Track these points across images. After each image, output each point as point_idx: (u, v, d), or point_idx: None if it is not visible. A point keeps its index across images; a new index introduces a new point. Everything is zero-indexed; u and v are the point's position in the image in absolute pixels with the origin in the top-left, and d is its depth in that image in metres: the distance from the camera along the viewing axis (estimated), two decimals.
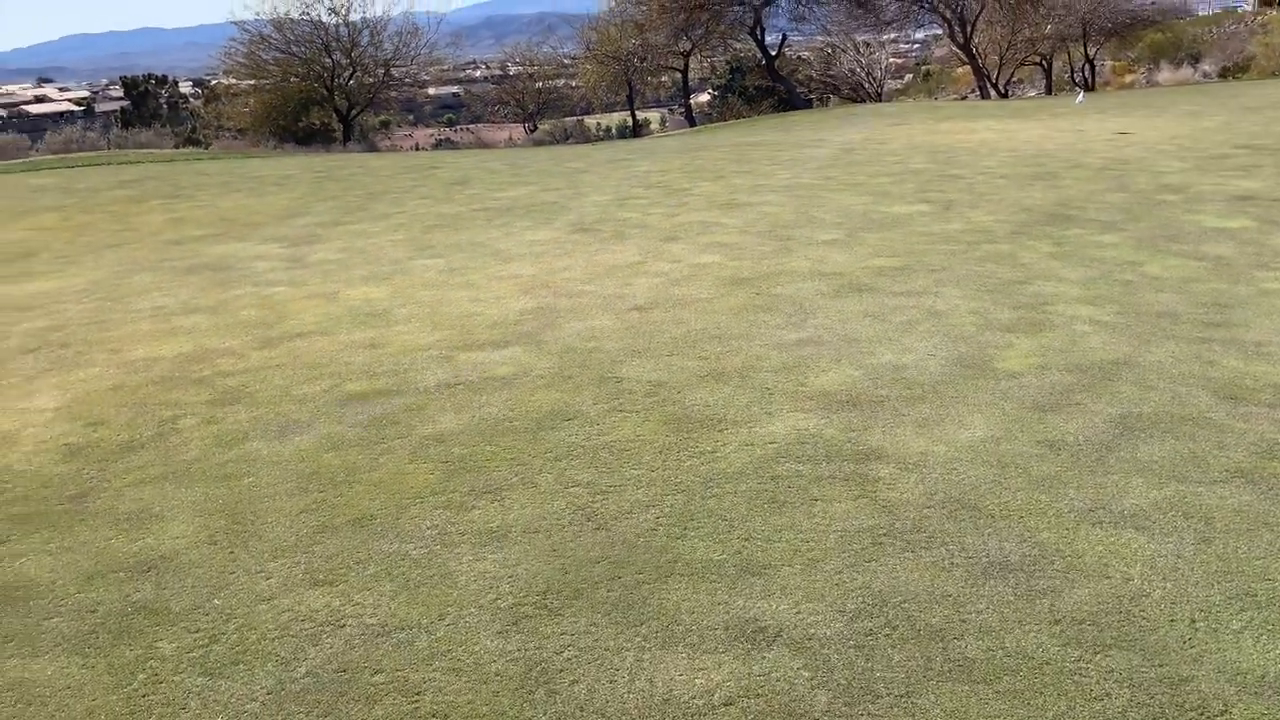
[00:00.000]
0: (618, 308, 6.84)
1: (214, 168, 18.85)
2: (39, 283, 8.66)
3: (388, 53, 38.33)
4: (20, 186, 16.66)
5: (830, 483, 3.97)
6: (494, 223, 10.79)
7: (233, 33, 37.44)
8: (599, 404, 4.97)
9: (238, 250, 9.79)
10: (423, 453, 4.45)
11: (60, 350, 6.41)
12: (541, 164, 17.84)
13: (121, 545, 3.68)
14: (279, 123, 35.56)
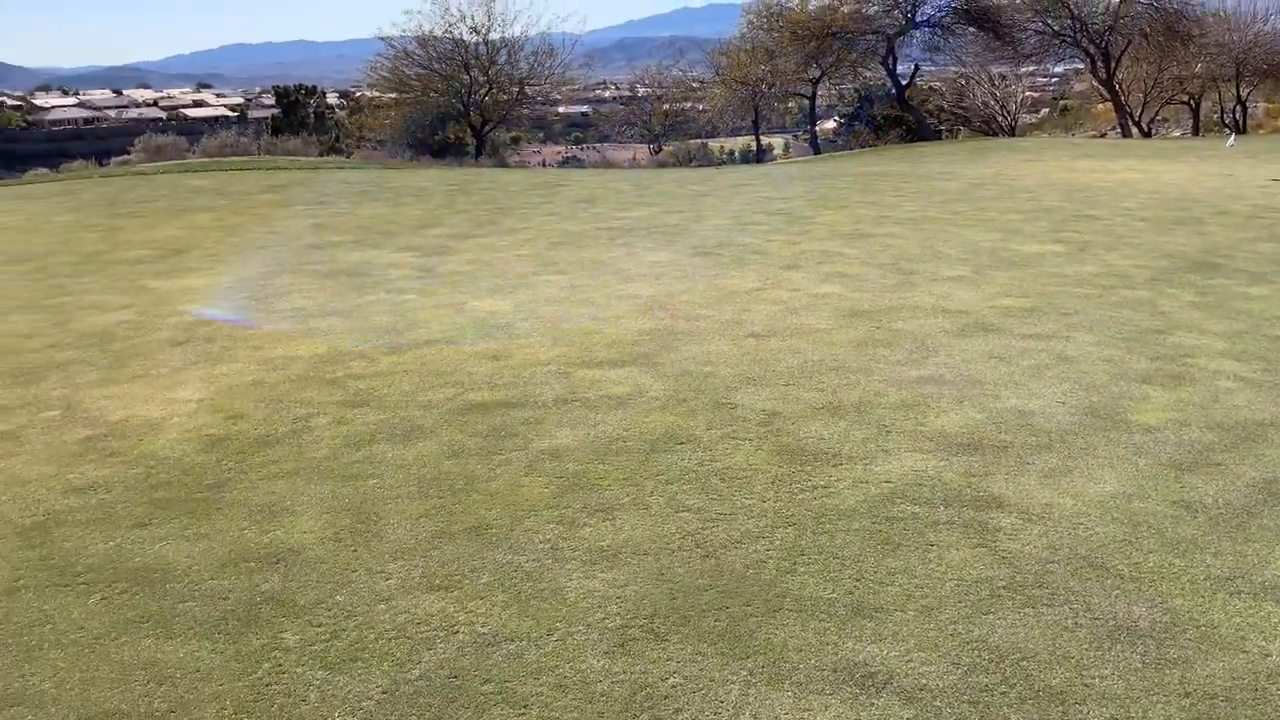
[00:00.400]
0: (735, 334, 6.83)
1: (355, 177, 19.69)
2: (191, 279, 9.20)
3: (523, 71, 39.40)
4: (179, 186, 17.75)
5: (948, 528, 3.87)
6: (616, 242, 10.93)
7: (379, 48, 39.12)
8: (712, 430, 4.98)
9: (373, 257, 10.19)
10: (539, 466, 4.54)
11: (206, 345, 6.79)
12: (665, 186, 18.00)
13: (253, 536, 3.87)
14: (416, 135, 36.94)
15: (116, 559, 3.69)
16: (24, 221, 13.59)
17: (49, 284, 9.06)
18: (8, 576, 3.56)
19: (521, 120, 46.17)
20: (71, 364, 6.36)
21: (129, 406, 5.48)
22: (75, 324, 7.45)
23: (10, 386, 5.90)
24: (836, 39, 37.10)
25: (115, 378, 6.04)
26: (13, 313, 7.88)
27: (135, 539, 3.85)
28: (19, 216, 14.14)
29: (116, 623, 3.27)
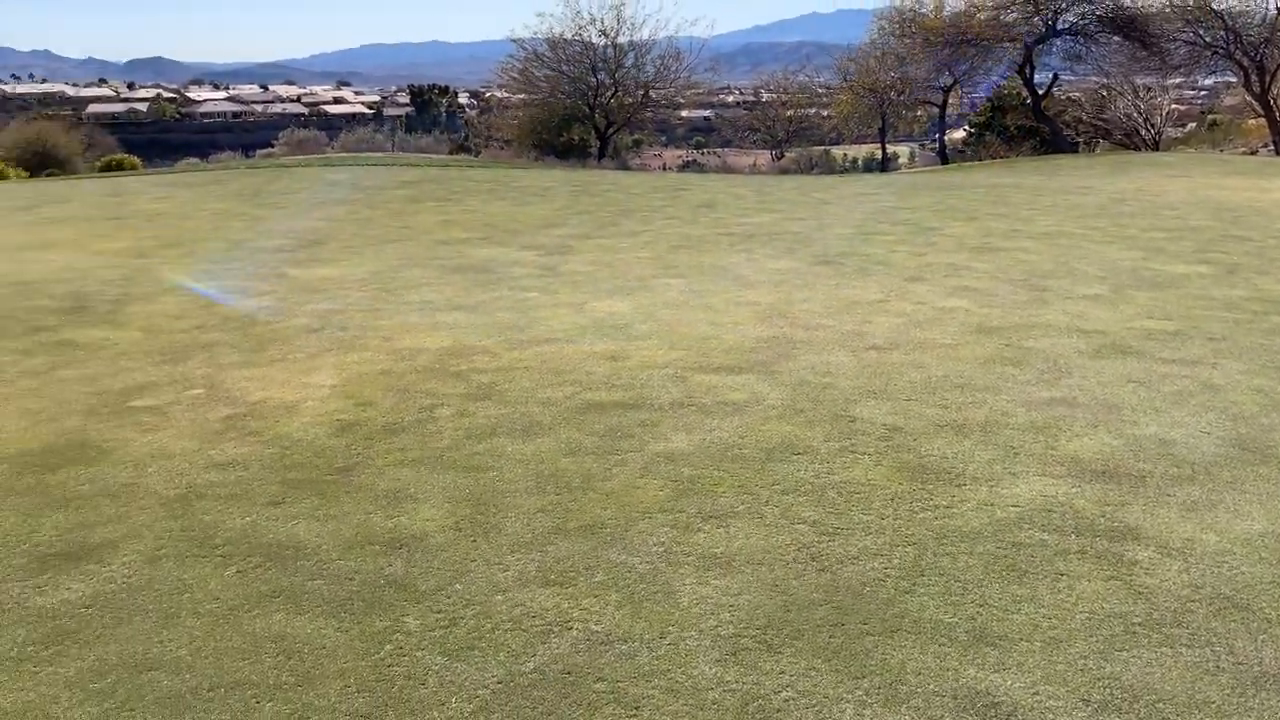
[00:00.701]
0: (855, 345, 6.71)
1: (483, 175, 20.18)
2: (327, 269, 9.59)
3: (649, 75, 39.68)
4: (318, 179, 18.54)
5: (1079, 558, 3.71)
6: (737, 248, 10.88)
7: (511, 49, 40.02)
8: (830, 442, 4.90)
9: (498, 255, 10.42)
10: (654, 469, 4.55)
11: (340, 333, 7.06)
12: (787, 193, 17.83)
13: (379, 520, 4.00)
14: (542, 136, 37.63)
15: (251, 534, 3.86)
16: (178, 208, 14.42)
17: (198, 269, 9.58)
18: (151, 545, 3.77)
19: (645, 123, 46.49)
20: (216, 345, 6.71)
21: (267, 388, 5.74)
22: (220, 307, 7.86)
23: (160, 364, 6.26)
24: (971, 46, 36.06)
25: (255, 360, 6.34)
26: (166, 294, 8.36)
27: (269, 516, 4.02)
28: (174, 203, 15.02)
29: (249, 595, 3.42)
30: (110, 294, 8.35)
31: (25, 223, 13.07)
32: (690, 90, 44.47)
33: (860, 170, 40.39)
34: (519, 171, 22.84)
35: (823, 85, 54.12)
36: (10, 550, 3.71)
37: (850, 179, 24.62)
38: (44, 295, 8.29)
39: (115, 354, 6.49)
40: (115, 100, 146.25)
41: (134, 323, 7.35)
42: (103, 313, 7.66)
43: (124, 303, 8.02)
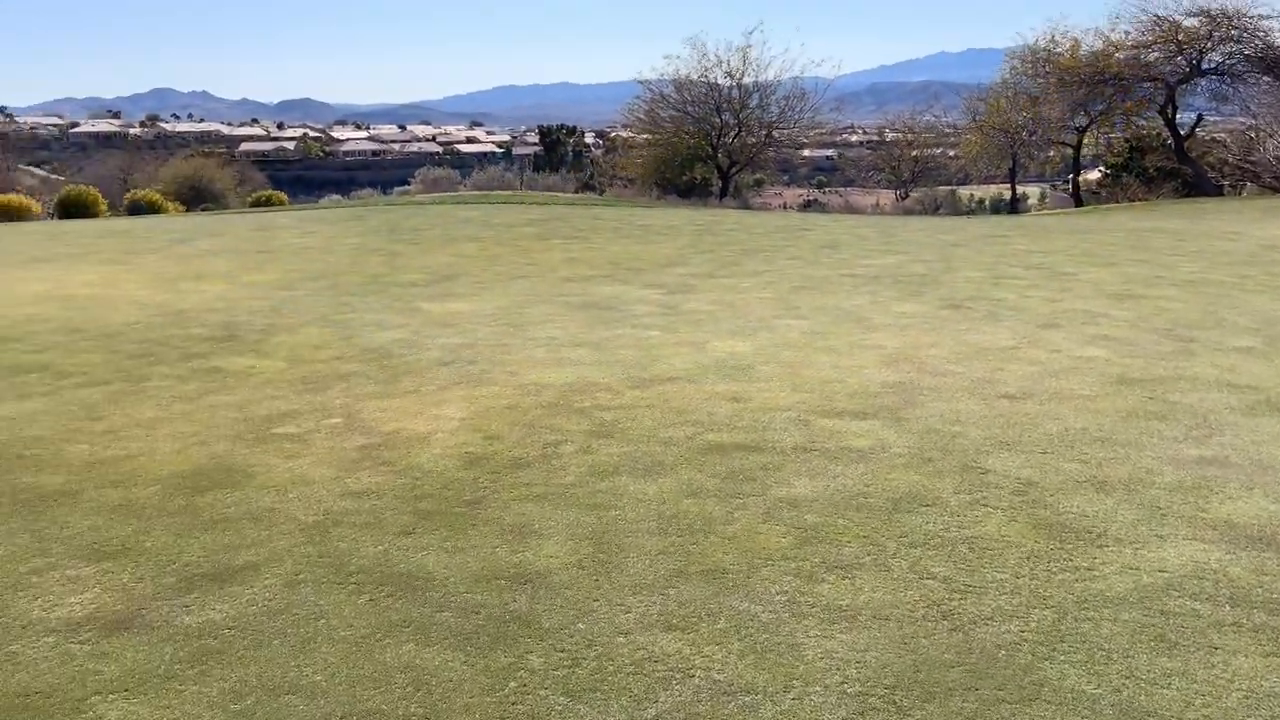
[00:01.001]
0: (986, 393, 6.50)
1: (608, 214, 20.53)
2: (457, 303, 9.90)
3: (773, 115, 39.78)
4: (451, 217, 19.20)
5: (1234, 630, 3.47)
6: (860, 290, 10.72)
7: (637, 91, 40.79)
8: (960, 494, 4.74)
9: (621, 293, 10.55)
10: (776, 514, 4.49)
11: (469, 366, 7.26)
12: (913, 234, 17.50)
13: (504, 555, 4.07)
14: (665, 175, 38.12)
15: (384, 563, 3.98)
16: (321, 243, 15.16)
17: (338, 301, 10.03)
18: (291, 569, 3.93)
19: (767, 163, 46.54)
20: (354, 376, 6.99)
21: (400, 420, 5.94)
22: (359, 339, 8.20)
23: (302, 393, 6.56)
24: (1109, 86, 34.86)
25: (390, 391, 6.58)
26: (309, 325, 8.78)
27: (400, 546, 4.14)
28: (317, 238, 15.80)
29: (381, 625, 3.52)
30: (258, 324, 8.82)
31: (183, 255, 13.96)
32: (814, 130, 44.32)
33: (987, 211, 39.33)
34: (643, 210, 23.13)
35: (950, 125, 53.15)
36: (162, 569, 3.92)
37: (978, 220, 24.01)
38: (198, 324, 8.82)
39: (261, 382, 6.83)
40: (266, 139, 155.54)
41: (279, 352, 7.73)
42: (250, 342, 8.09)
43: (270, 333, 8.45)
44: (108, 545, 4.13)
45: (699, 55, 38.72)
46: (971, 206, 39.78)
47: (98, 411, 6.11)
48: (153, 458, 5.26)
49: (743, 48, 38.75)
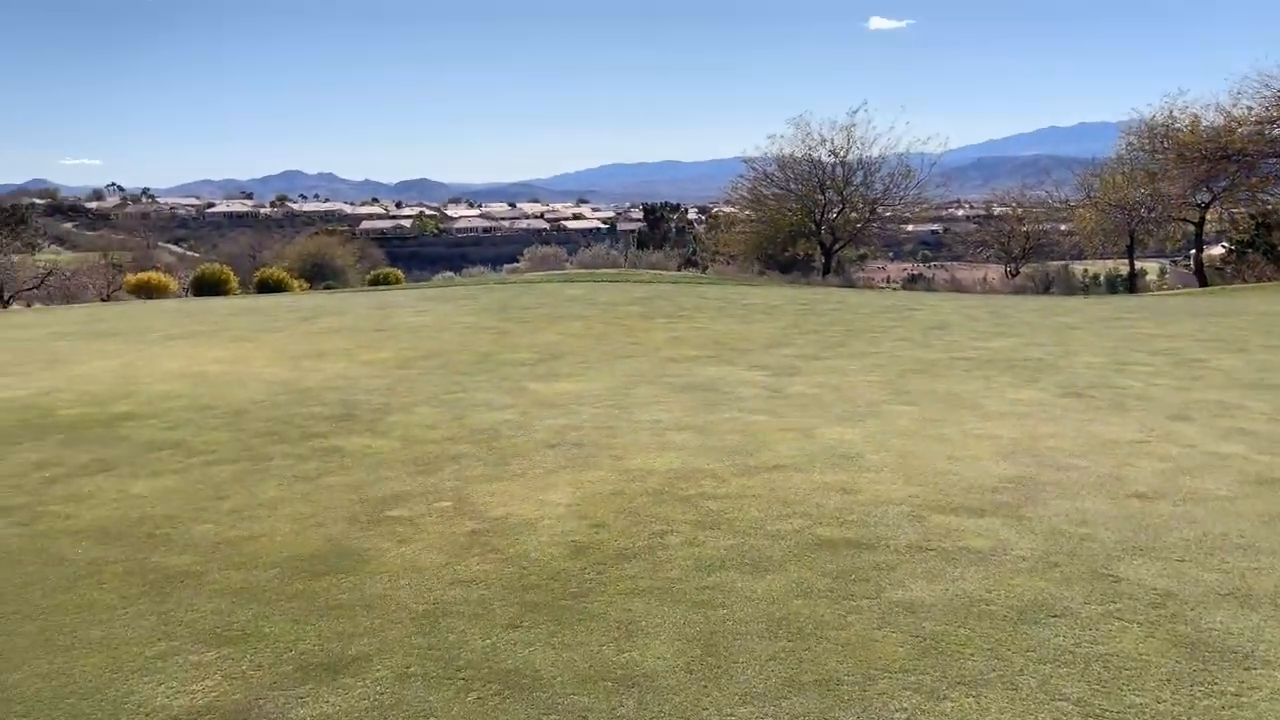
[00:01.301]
0: (1114, 491, 6.18)
1: (711, 292, 20.64)
2: (564, 384, 10.02)
3: (877, 192, 39.64)
4: (558, 295, 19.60)
5: None
6: (973, 374, 10.44)
7: (740, 169, 41.28)
8: (1091, 604, 4.48)
9: (725, 374, 10.52)
10: (892, 620, 4.32)
11: (575, 449, 7.30)
12: (1026, 315, 17.04)
13: (610, 654, 4.01)
14: (767, 251, 38.23)
15: (491, 658, 3.97)
16: (434, 321, 15.64)
17: (450, 380, 10.28)
18: (401, 661, 3.95)
19: (871, 238, 46.23)
20: (464, 457, 7.10)
21: (508, 504, 5.98)
22: (469, 419, 8.35)
23: (415, 474, 6.69)
24: (1232, 162, 33.63)
25: (498, 474, 6.65)
26: (422, 404, 9.00)
27: (508, 640, 4.13)
28: (431, 317, 16.31)
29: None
30: (374, 403, 9.09)
31: (306, 333, 14.58)
32: (919, 206, 43.94)
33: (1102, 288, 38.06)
34: (746, 288, 23.18)
35: (1062, 200, 51.98)
36: (279, 657, 3.99)
37: (1097, 301, 23.23)
38: (318, 402, 9.14)
39: (376, 462, 7.00)
40: (385, 217, 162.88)
41: (393, 432, 7.93)
42: (367, 421, 8.33)
43: (385, 412, 8.69)
44: (229, 630, 4.24)
45: (803, 134, 39.00)
46: (1085, 282, 38.57)
47: (224, 490, 6.35)
48: (273, 539, 5.41)
49: (847, 126, 38.89)
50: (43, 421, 8.48)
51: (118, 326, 16.24)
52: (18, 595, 4.66)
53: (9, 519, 5.82)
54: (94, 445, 7.59)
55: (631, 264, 34.20)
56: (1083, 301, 22.37)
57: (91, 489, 6.44)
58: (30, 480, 6.66)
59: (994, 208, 68.15)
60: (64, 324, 17.25)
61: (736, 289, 22.75)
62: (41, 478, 6.72)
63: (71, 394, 9.75)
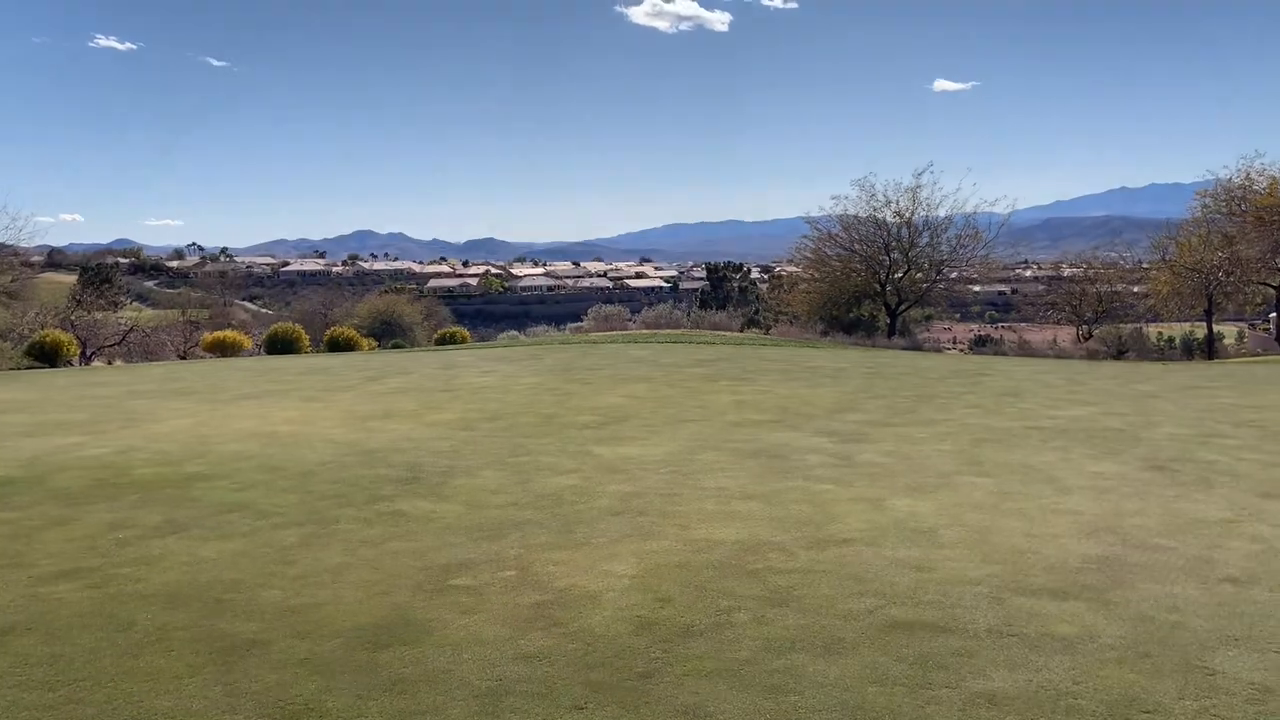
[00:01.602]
0: (1205, 575, 5.88)
1: (775, 354, 20.50)
2: (628, 447, 9.95)
3: (944, 253, 39.24)
4: (622, 356, 19.64)
5: None
6: (1049, 445, 10.13)
7: (804, 229, 41.26)
8: (1186, 699, 4.22)
9: (791, 440, 10.36)
10: (972, 713, 4.11)
11: (639, 518, 7.20)
12: (1103, 381, 16.57)
13: None
14: (832, 312, 37.96)
15: None
16: (498, 382, 15.76)
17: (514, 442, 10.29)
18: None
19: (937, 299, 45.67)
20: (528, 524, 7.05)
21: (571, 575, 5.90)
22: (533, 484, 8.32)
23: (478, 541, 6.65)
24: None
25: (562, 543, 6.58)
26: (486, 468, 9.01)
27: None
28: (496, 377, 16.44)
29: None
30: (440, 465, 9.12)
31: (374, 393, 14.79)
32: (986, 266, 43.36)
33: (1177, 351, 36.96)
34: (810, 351, 22.98)
35: (1135, 261, 50.97)
36: None
37: (1177, 368, 22.52)
38: (384, 464, 9.21)
39: (440, 528, 6.99)
40: (451, 275, 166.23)
41: (458, 496, 7.93)
42: (432, 484, 8.35)
43: (450, 475, 8.71)
44: (293, 703, 4.20)
45: (867, 195, 38.92)
46: (1160, 345, 37.47)
47: (290, 555, 6.37)
48: (338, 606, 5.40)
49: (912, 188, 38.73)
50: (118, 481, 8.66)
51: (193, 385, 16.68)
52: (87, 661, 4.69)
53: (82, 581, 5.91)
54: (166, 506, 7.72)
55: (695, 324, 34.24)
56: (1161, 368, 21.71)
57: (162, 551, 6.53)
58: (104, 541, 6.78)
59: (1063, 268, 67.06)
60: (142, 382, 17.78)
61: (800, 351, 22.57)
62: (114, 539, 6.83)
63: (147, 453, 9.98)
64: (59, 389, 16.63)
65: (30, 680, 4.49)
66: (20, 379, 19.94)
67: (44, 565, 6.24)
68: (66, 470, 9.14)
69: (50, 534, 6.97)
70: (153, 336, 36.83)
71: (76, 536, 6.90)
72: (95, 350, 32.48)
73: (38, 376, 20.90)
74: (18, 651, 4.83)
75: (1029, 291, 72.61)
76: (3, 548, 6.65)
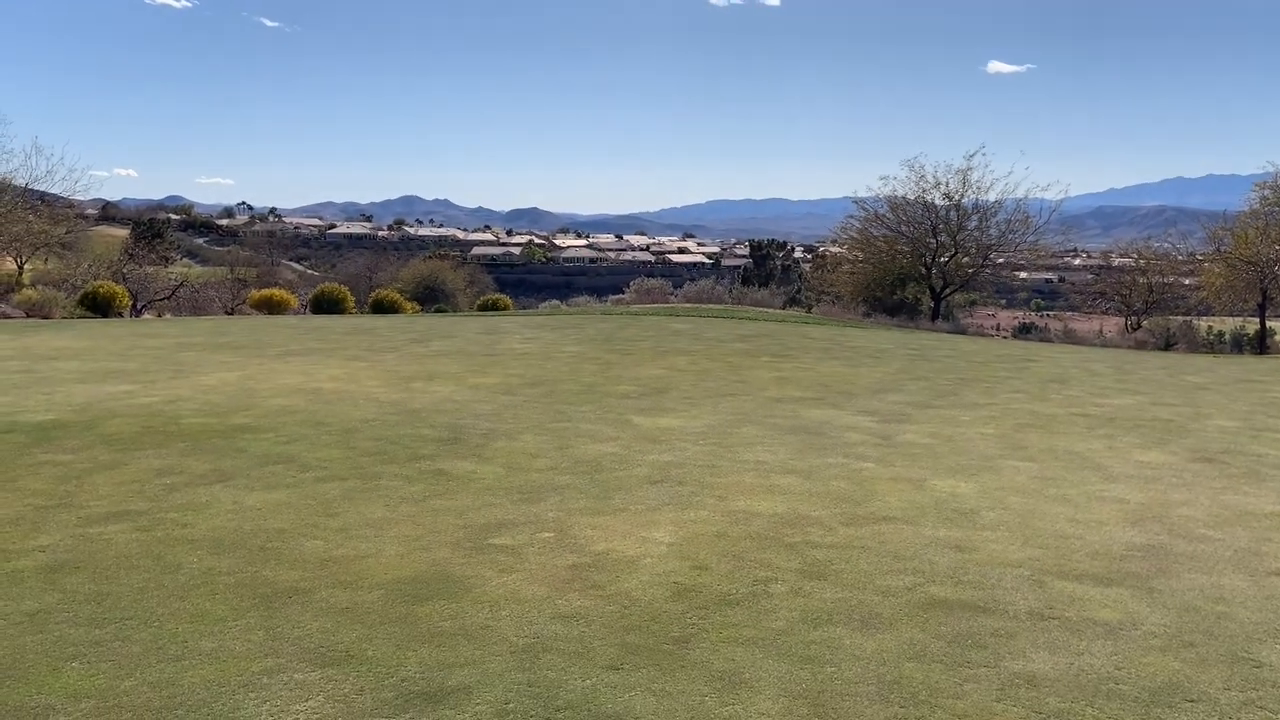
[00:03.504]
0: (1254, 567, 5.76)
1: (817, 333, 20.34)
2: (668, 419, 9.95)
3: (992, 238, 38.58)
4: (663, 329, 19.60)
5: None
6: (1095, 432, 9.96)
7: (849, 208, 40.73)
8: (1231, 690, 4.14)
9: (832, 417, 10.29)
10: (1011, 693, 4.07)
11: (677, 487, 7.20)
12: (1151, 371, 16.25)
13: (713, 705, 3.87)
14: (875, 294, 37.55)
15: (590, 700, 3.88)
16: (541, 349, 15.81)
17: (555, 409, 10.32)
18: (500, 696, 3.89)
19: (984, 284, 44.98)
20: (567, 489, 7.08)
21: (609, 539, 5.92)
22: (573, 450, 8.35)
23: (519, 502, 6.69)
24: None
25: (600, 508, 6.60)
26: (526, 432, 9.05)
27: (607, 682, 4.04)
28: (538, 344, 16.50)
29: None
30: (481, 428, 9.18)
31: (417, 355, 14.91)
32: (1035, 253, 42.59)
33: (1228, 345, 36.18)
34: (853, 330, 22.77)
35: (1188, 253, 49.84)
36: (381, 681, 3.99)
37: (1227, 360, 22.04)
38: (426, 424, 9.28)
39: (481, 488, 7.04)
40: (495, 244, 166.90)
41: (498, 458, 7.98)
42: (473, 446, 8.41)
43: (491, 437, 8.76)
44: (334, 650, 4.26)
45: (916, 177, 38.28)
46: (1210, 339, 36.64)
47: (334, 508, 6.46)
48: (379, 559, 5.47)
49: (962, 170, 38.03)
50: (167, 429, 8.83)
51: (240, 340, 16.93)
52: (134, 601, 4.80)
53: (131, 524, 6.04)
54: (213, 455, 7.86)
55: (736, 300, 34.07)
56: (1211, 360, 21.25)
57: (208, 498, 6.65)
58: (152, 486, 6.91)
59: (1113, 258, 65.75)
60: (191, 334, 18.08)
61: (842, 330, 22.38)
62: (163, 484, 6.97)
63: (195, 403, 10.15)
64: (111, 338, 16.97)
65: (78, 616, 4.60)
66: (74, 327, 20.37)
67: (93, 507, 6.38)
68: (117, 417, 9.33)
69: (100, 477, 7.13)
70: (201, 292, 37.42)
71: (125, 480, 7.04)
72: (146, 303, 33.08)
73: (91, 325, 21.34)
74: (66, 589, 4.95)
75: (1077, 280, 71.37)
76: (54, 489, 6.81)
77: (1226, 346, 34.29)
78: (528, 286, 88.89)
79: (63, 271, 37.65)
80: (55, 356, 14.11)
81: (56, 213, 37.73)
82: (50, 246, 37.57)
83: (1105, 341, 33.07)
